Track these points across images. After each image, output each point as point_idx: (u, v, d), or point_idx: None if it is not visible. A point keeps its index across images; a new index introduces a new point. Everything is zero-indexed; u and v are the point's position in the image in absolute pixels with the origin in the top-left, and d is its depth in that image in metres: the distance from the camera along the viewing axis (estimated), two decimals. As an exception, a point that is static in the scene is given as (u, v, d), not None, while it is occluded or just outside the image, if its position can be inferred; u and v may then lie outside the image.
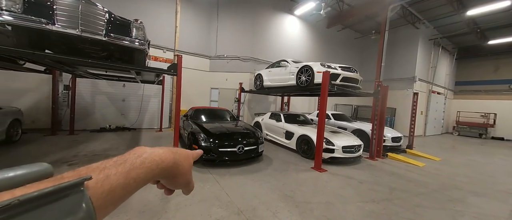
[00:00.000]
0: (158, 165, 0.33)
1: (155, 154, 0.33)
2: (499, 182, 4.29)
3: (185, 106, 8.31)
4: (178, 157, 0.37)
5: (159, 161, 0.33)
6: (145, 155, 0.32)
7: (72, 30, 2.67)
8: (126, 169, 0.29)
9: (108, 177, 0.26)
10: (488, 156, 7.26)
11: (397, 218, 2.57)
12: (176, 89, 3.73)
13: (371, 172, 4.38)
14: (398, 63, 12.09)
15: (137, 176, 0.29)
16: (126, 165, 0.29)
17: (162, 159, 0.34)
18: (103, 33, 2.82)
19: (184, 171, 0.38)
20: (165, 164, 0.34)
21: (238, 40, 9.52)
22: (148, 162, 0.32)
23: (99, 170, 0.27)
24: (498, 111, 13.45)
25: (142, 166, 0.30)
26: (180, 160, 0.37)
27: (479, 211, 2.88)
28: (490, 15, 9.40)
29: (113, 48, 3.08)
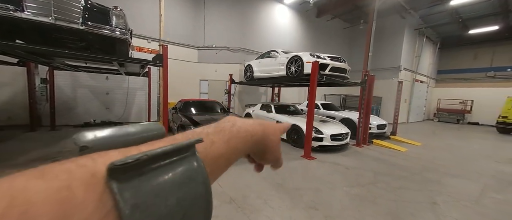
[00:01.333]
0: (252, 137, 0.31)
1: (248, 124, 0.31)
2: (473, 164, 4.65)
3: (174, 99, 8.11)
4: (267, 130, 0.34)
5: (252, 132, 0.31)
6: (239, 124, 0.30)
7: (44, 18, 2.46)
8: (226, 137, 0.27)
9: (213, 144, 0.25)
10: (464, 140, 7.81)
11: (381, 200, 2.74)
12: (163, 81, 3.61)
13: (357, 158, 4.58)
14: (384, 53, 12.38)
15: (235, 146, 0.28)
16: (225, 133, 0.28)
17: (254, 131, 0.32)
18: (80, 21, 2.62)
19: (273, 146, 0.36)
20: (257, 137, 0.32)
21: (227, 30, 9.26)
22: (243, 131, 0.30)
23: (204, 135, 0.25)
24: (475, 97, 14.34)
25: (238, 135, 0.29)
26: (268, 134, 0.35)
27: (454, 191, 3.14)
28: (471, 5, 9.74)
29: (92, 37, 2.88)
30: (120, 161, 0.16)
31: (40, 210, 0.12)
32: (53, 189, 0.13)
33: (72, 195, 0.14)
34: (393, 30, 12.07)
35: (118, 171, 0.15)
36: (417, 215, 2.42)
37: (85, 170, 0.15)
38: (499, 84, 13.68)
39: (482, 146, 6.73)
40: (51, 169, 0.15)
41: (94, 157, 0.17)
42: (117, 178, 0.16)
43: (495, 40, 13.40)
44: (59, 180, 0.14)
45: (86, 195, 0.14)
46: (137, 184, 0.16)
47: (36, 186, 0.13)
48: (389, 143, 6.09)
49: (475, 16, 11.08)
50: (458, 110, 14.64)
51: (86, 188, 0.14)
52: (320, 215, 2.33)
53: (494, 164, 4.64)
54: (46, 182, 0.14)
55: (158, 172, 0.18)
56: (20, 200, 0.12)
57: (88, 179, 0.15)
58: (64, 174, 0.14)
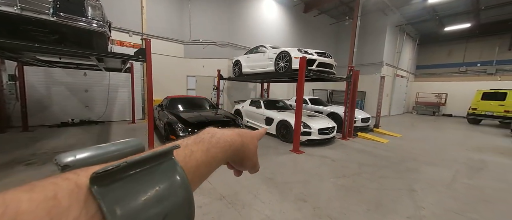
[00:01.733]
0: (230, 146, 0.33)
1: (226, 135, 0.33)
2: (446, 152, 5.04)
3: (160, 96, 7.84)
4: (245, 139, 0.37)
5: (230, 142, 0.33)
6: (218, 135, 0.32)
7: (7, 7, 2.22)
8: (205, 147, 0.29)
9: (193, 153, 0.27)
10: (439, 131, 8.41)
11: (364, 189, 2.89)
12: (147, 77, 3.45)
13: (343, 151, 4.77)
14: (368, 49, 12.83)
15: (215, 155, 0.30)
16: (204, 143, 0.30)
17: (233, 141, 0.34)
18: (51, 12, 2.40)
19: (251, 154, 0.38)
20: (235, 146, 0.34)
21: (214, 24, 9.03)
22: (222, 142, 0.32)
23: (183, 146, 0.27)
24: (449, 91, 15.42)
25: (217, 145, 0.31)
26: (246, 143, 0.37)
27: (430, 178, 3.38)
28: (447, 3, 10.33)
29: (66, 30, 2.67)
30: (101, 169, 0.17)
31: (30, 217, 0.14)
32: (41, 198, 0.15)
33: (58, 203, 0.15)
34: (376, 26, 12.51)
35: (100, 178, 0.17)
36: (397, 201, 2.59)
37: (69, 182, 0.17)
38: (470, 78, 14.82)
39: (455, 136, 7.29)
40: (39, 183, 0.16)
41: (77, 172, 0.18)
42: (99, 185, 0.17)
43: (467, 37, 14.41)
44: (46, 191, 0.15)
45: (71, 202, 0.16)
46: (118, 189, 0.17)
47: (26, 197, 0.15)
48: (372, 135, 6.39)
49: (450, 14, 11.79)
50: (434, 103, 15.70)
51: (70, 196, 0.16)
52: (308, 206, 2.40)
53: (465, 152, 5.06)
54: (35, 193, 0.15)
55: (138, 177, 0.19)
56: (13, 208, 0.14)
57: (72, 189, 0.16)
58: (50, 186, 0.16)
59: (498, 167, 4.05)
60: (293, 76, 5.69)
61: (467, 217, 2.29)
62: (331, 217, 2.22)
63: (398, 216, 2.28)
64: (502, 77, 13.52)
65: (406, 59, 15.10)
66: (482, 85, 12.36)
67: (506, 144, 6.13)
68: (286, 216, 2.22)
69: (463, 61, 15.25)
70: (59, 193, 0.16)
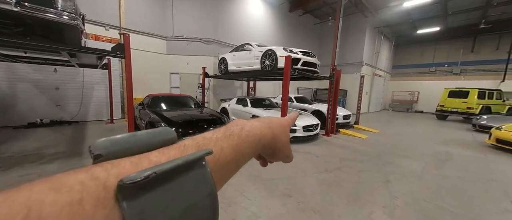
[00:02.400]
0: (260, 141, 0.31)
1: (256, 128, 0.31)
2: (418, 146, 5.48)
3: (141, 94, 7.49)
4: (275, 131, 0.34)
5: (260, 135, 0.31)
6: (247, 128, 0.30)
7: (-40, -6, 1.97)
8: (235, 142, 0.27)
9: (223, 150, 0.25)
10: (412, 126, 9.11)
11: (345, 183, 3.05)
12: (126, 74, 3.28)
13: (326, 147, 4.97)
14: (349, 49, 13.41)
15: (244, 151, 0.28)
16: (234, 138, 0.28)
17: (263, 134, 0.32)
18: (13, 1, 2.17)
19: (282, 146, 0.35)
20: (265, 139, 0.32)
21: (199, 20, 8.81)
22: (252, 135, 0.30)
23: (213, 142, 0.25)
24: (420, 89, 16.72)
25: (247, 140, 0.29)
26: (277, 134, 0.34)
27: (404, 169, 3.67)
28: (420, 8, 11.14)
29: (32, 22, 2.43)
30: (129, 179, 0.16)
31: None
32: (66, 202, 0.14)
33: (83, 209, 0.14)
34: (357, 27, 13.10)
35: (127, 188, 0.16)
36: (374, 192, 2.78)
37: (97, 183, 0.16)
38: (438, 77, 16.19)
39: (425, 131, 7.96)
40: (66, 181, 0.15)
41: (107, 168, 0.18)
42: (126, 195, 0.16)
43: (436, 40, 15.68)
44: (73, 193, 0.15)
45: (96, 210, 0.15)
46: (145, 201, 0.17)
47: (50, 199, 0.14)
48: (353, 131, 6.74)
49: (422, 18, 12.74)
50: (407, 100, 16.93)
51: (96, 203, 0.15)
52: (293, 201, 2.48)
53: (433, 145, 5.55)
54: (60, 195, 0.14)
55: (166, 187, 0.18)
56: (35, 213, 0.13)
57: (99, 193, 0.16)
58: (78, 186, 0.15)
59: (460, 158, 4.52)
60: (279, 75, 5.77)
61: (434, 205, 2.54)
62: (314, 210, 2.32)
63: (375, 206, 2.45)
64: (466, 77, 14.97)
65: (383, 59, 16.05)
66: (448, 84, 13.58)
67: (468, 138, 6.84)
68: (272, 211, 2.27)
69: (433, 62, 16.60)
70: (85, 198, 0.15)
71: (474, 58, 14.87)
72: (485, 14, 11.83)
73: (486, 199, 2.73)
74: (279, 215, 2.22)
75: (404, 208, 2.43)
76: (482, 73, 14.44)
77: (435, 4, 10.70)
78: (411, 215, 2.29)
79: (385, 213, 2.31)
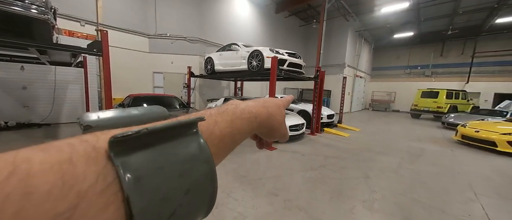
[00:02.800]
0: (256, 118, 0.31)
1: (251, 106, 0.31)
2: (395, 143, 5.86)
3: (121, 94, 7.13)
4: (271, 110, 0.34)
5: (256, 113, 0.31)
6: (242, 106, 0.30)
7: None
8: (230, 117, 0.27)
9: (217, 123, 0.25)
10: (389, 124, 9.71)
11: (329, 179, 3.17)
12: (104, 73, 3.10)
13: (311, 145, 5.12)
14: (333, 51, 13.94)
15: (240, 127, 0.27)
16: (228, 113, 0.27)
17: (258, 112, 0.31)
18: (-29, -9, 1.95)
19: (278, 125, 0.35)
20: (261, 118, 0.32)
21: (183, 18, 8.58)
22: (247, 113, 0.30)
23: (206, 116, 0.24)
24: (397, 90, 17.88)
25: (242, 116, 0.28)
26: (273, 114, 0.34)
27: (382, 165, 3.90)
28: (396, 14, 11.91)
29: (-6, 15, 2.20)
30: (121, 134, 0.16)
31: (41, 180, 0.13)
32: (55, 161, 0.14)
33: (73, 167, 0.14)
34: (340, 31, 13.66)
35: (119, 144, 0.16)
36: (355, 188, 2.93)
37: (87, 145, 0.16)
38: (412, 79, 17.44)
39: (401, 129, 8.53)
40: (55, 143, 0.15)
41: (97, 134, 0.17)
42: (119, 151, 0.16)
43: (411, 44, 16.89)
44: (61, 153, 0.14)
45: (87, 167, 0.14)
46: (139, 157, 0.16)
47: (39, 158, 0.13)
48: (336, 130, 7.02)
49: (398, 23, 13.63)
50: (386, 100, 18.01)
51: (87, 160, 0.15)
52: (280, 200, 2.53)
53: (408, 142, 5.98)
54: (49, 154, 0.14)
55: (159, 147, 0.18)
56: (22, 169, 0.12)
57: (90, 152, 0.15)
58: (66, 147, 0.15)
59: (431, 153, 4.92)
60: (265, 75, 5.82)
61: (408, 197, 2.74)
62: (299, 207, 2.38)
63: (356, 201, 2.58)
64: (436, 79, 16.31)
65: (364, 61, 16.90)
66: (421, 85, 14.70)
67: (438, 135, 7.46)
68: (259, 211, 2.29)
69: (408, 65, 17.86)
70: (74, 156, 0.14)
71: (443, 61, 16.27)
72: (452, 21, 12.99)
73: (453, 190, 3.00)
74: (266, 214, 2.24)
75: (382, 201, 2.60)
76: (450, 75, 15.84)
77: (409, 11, 11.51)
78: (388, 208, 2.45)
79: (365, 207, 2.44)
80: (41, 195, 0.12)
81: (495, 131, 5.19)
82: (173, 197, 0.17)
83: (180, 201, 0.17)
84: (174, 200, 0.17)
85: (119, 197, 0.15)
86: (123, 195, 0.15)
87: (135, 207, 0.15)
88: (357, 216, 2.28)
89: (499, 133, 5.09)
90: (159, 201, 0.16)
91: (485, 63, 14.49)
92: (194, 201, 0.18)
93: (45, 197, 0.12)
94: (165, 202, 0.16)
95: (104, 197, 0.14)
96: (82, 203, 0.13)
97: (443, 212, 2.41)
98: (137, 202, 0.15)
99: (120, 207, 0.15)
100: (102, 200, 0.14)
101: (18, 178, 0.12)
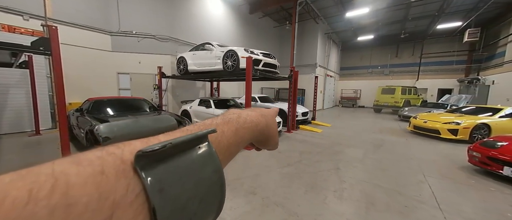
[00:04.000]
0: (256, 126, 0.32)
1: (251, 116, 0.32)
2: (361, 136, 6.44)
3: (80, 98, 6.40)
4: (268, 120, 0.36)
5: (256, 122, 0.32)
6: (244, 115, 0.31)
7: None
8: (234, 127, 0.28)
9: (224, 133, 0.26)
10: (356, 119, 10.62)
11: (304, 174, 3.34)
12: (55, 75, 2.73)
13: (288, 142, 5.31)
14: (305, 52, 14.63)
15: (243, 135, 0.29)
16: (233, 123, 0.29)
17: (258, 122, 0.33)
18: None
19: (274, 133, 0.37)
20: (260, 126, 0.33)
21: (151, 14, 8.03)
22: (249, 122, 0.31)
23: (214, 126, 0.25)
24: (362, 88, 19.63)
25: (245, 126, 0.30)
26: (270, 123, 0.36)
27: (350, 157, 4.26)
28: (358, 18, 13.05)
29: None
30: (148, 148, 0.17)
31: (80, 192, 0.13)
32: (89, 173, 0.14)
33: (106, 178, 0.15)
34: (311, 32, 14.40)
35: (145, 158, 0.17)
36: (327, 179, 3.14)
37: (115, 157, 0.16)
38: (374, 77, 19.35)
39: (365, 123, 9.41)
40: (85, 156, 0.16)
41: (120, 146, 0.18)
42: (144, 164, 0.17)
43: (372, 46, 18.72)
44: (94, 165, 0.15)
45: (118, 179, 0.15)
46: (161, 169, 0.17)
47: (74, 171, 0.14)
48: (310, 127, 7.40)
49: (360, 27, 14.98)
50: (353, 97, 19.65)
51: (117, 172, 0.15)
52: (258, 198, 2.57)
53: (371, 134, 6.63)
54: (82, 167, 0.15)
55: (178, 159, 0.19)
56: (62, 182, 0.13)
57: (119, 165, 0.16)
58: (97, 160, 0.15)
59: (390, 143, 5.54)
60: (241, 75, 5.82)
61: (372, 183, 3.04)
62: (276, 203, 2.46)
63: (328, 191, 2.77)
64: (393, 77, 18.38)
65: (333, 62, 18.14)
66: (381, 83, 16.44)
67: (395, 126, 8.44)
68: (236, 211, 2.29)
69: (370, 64, 19.76)
70: (106, 169, 0.15)
71: (398, 62, 18.43)
72: (404, 26, 14.82)
73: (407, 174, 3.44)
74: (244, 213, 2.26)
75: (350, 190, 2.84)
76: (404, 73, 18.03)
77: (370, 16, 12.75)
78: (355, 195, 2.69)
79: (335, 197, 2.64)
80: (81, 207, 0.13)
81: (439, 121, 6.10)
82: (190, 206, 0.18)
83: (195, 209, 0.18)
84: (190, 209, 0.18)
85: (146, 208, 0.16)
86: (149, 206, 0.16)
87: (160, 217, 0.16)
88: (329, 205, 2.45)
89: (441, 122, 6.00)
90: (179, 210, 0.17)
91: (430, 63, 16.89)
92: (206, 209, 0.20)
93: (84, 208, 0.13)
94: (183, 211, 0.17)
95: (133, 207, 0.15)
96: (116, 214, 0.14)
97: (400, 194, 2.74)
98: (161, 212, 0.16)
99: (146, 217, 0.16)
100: (132, 210, 0.15)
101: (61, 191, 0.13)
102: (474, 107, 6.80)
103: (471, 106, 7.10)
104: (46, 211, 0.12)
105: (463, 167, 3.76)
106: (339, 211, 2.34)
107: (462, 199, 2.68)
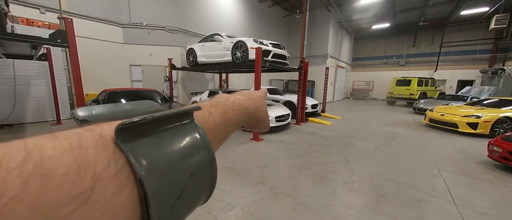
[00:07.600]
0: (245, 110, 0.33)
1: (239, 99, 0.33)
2: (372, 128, 6.28)
3: (96, 89, 6.67)
4: (257, 103, 0.36)
5: (245, 106, 0.33)
6: (232, 99, 0.32)
7: None
8: (222, 109, 0.28)
9: (211, 114, 0.26)
10: (367, 112, 10.32)
11: (313, 165, 3.35)
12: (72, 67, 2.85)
13: (296, 135, 5.30)
14: (316, 42, 14.17)
15: (232, 118, 0.29)
16: (220, 105, 0.29)
17: (247, 105, 0.33)
18: None
19: (264, 116, 0.38)
20: (249, 110, 0.34)
21: (160, 6, 8.06)
22: (237, 105, 0.31)
23: (201, 106, 0.25)
24: (375, 79, 18.89)
25: (233, 108, 0.30)
26: (259, 106, 0.36)
27: (360, 149, 4.19)
28: (374, 4, 12.34)
29: None
30: (128, 120, 0.16)
31: (56, 163, 0.13)
32: (66, 146, 0.14)
33: (85, 152, 0.14)
34: (322, 21, 13.85)
35: (126, 130, 0.16)
36: (336, 171, 3.13)
37: (93, 133, 0.16)
38: (388, 68, 18.50)
39: (377, 115, 9.14)
40: (61, 133, 0.15)
41: (99, 124, 0.18)
42: (125, 138, 0.16)
43: (387, 35, 17.74)
44: (71, 140, 0.14)
45: (98, 152, 0.15)
46: (145, 143, 0.17)
47: (49, 144, 0.13)
48: (320, 119, 7.31)
49: (376, 14, 14.16)
50: (365, 89, 19.00)
51: (96, 146, 0.15)
52: (267, 188, 2.62)
53: (383, 127, 6.45)
54: (58, 141, 0.14)
55: (163, 134, 0.19)
56: (36, 154, 0.12)
57: (98, 139, 0.16)
58: (74, 135, 0.15)
59: (403, 136, 5.38)
60: (250, 67, 5.78)
61: (383, 176, 3.00)
62: (285, 193, 2.50)
63: (337, 183, 2.77)
64: (409, 68, 17.48)
65: (345, 52, 17.48)
66: (396, 74, 15.68)
67: (409, 119, 8.13)
68: (247, 200, 2.37)
69: (384, 55, 18.84)
70: (84, 143, 0.15)
71: (415, 51, 17.42)
72: (424, 12, 13.83)
73: (420, 168, 3.35)
74: (253, 202, 2.33)
75: (360, 182, 2.82)
76: (420, 64, 17.07)
77: (386, 2, 12.00)
78: (365, 187, 2.68)
79: (345, 189, 2.64)
80: (59, 178, 0.12)
81: (457, 114, 5.80)
82: (180, 180, 0.18)
83: (186, 183, 0.18)
84: (181, 183, 0.18)
85: (132, 180, 0.16)
86: (135, 178, 0.16)
87: (148, 188, 0.16)
88: (338, 197, 2.46)
89: (460, 116, 5.70)
90: (168, 183, 0.17)
91: (450, 53, 15.81)
92: (198, 184, 0.20)
93: (63, 179, 0.12)
94: (173, 184, 0.17)
95: (117, 180, 0.15)
96: (98, 185, 0.14)
97: (412, 187, 2.69)
98: (150, 183, 0.16)
99: (133, 189, 0.16)
100: (116, 183, 0.15)
101: (34, 162, 0.12)
102: (497, 100, 6.37)
103: (494, 98, 6.65)
104: (19, 181, 0.11)
105: (481, 162, 3.60)
106: (348, 202, 2.35)
107: (479, 194, 2.58)
